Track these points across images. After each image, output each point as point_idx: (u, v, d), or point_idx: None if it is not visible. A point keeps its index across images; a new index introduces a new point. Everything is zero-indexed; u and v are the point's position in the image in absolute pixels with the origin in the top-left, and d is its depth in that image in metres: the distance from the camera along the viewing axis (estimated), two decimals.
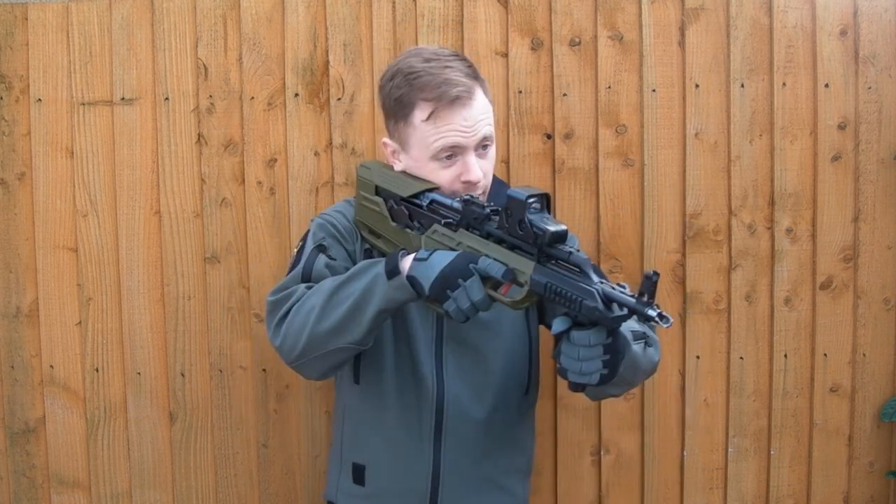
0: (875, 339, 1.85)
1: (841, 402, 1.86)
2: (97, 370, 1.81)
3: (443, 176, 1.34)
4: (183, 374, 1.81)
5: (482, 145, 1.35)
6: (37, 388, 1.82)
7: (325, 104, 1.77)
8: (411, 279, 1.19)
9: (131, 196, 1.78)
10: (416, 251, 1.24)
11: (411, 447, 1.40)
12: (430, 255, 1.19)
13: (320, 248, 1.38)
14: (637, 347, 1.29)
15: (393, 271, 1.20)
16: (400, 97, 1.34)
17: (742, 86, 1.78)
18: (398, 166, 1.41)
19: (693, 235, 1.80)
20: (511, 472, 1.48)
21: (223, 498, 1.83)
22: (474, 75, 1.35)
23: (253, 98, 1.77)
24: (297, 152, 1.78)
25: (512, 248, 1.17)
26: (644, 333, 1.34)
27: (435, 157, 1.33)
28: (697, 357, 1.82)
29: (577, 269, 1.10)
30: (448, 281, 1.15)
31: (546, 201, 1.16)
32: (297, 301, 1.30)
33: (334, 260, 1.37)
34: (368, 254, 1.43)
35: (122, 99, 1.77)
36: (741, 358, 1.83)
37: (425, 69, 1.32)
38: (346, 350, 1.27)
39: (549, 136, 1.79)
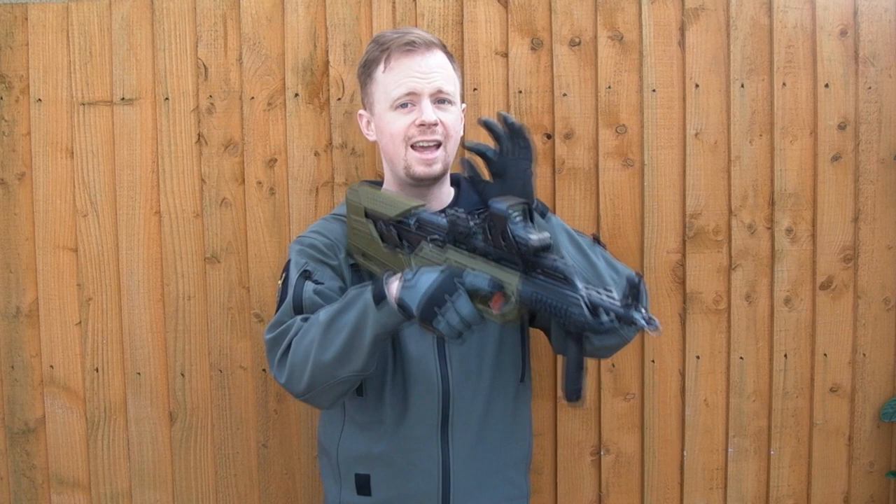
0: (875, 339, 1.85)
1: (841, 402, 1.86)
2: (97, 370, 1.81)
3: (399, 123, 1.39)
4: (183, 374, 1.81)
5: (439, 98, 1.39)
6: (37, 388, 1.82)
7: (325, 104, 1.77)
8: (400, 303, 1.19)
9: (131, 196, 1.78)
10: (404, 272, 1.23)
11: (419, 447, 1.40)
12: (416, 275, 1.19)
13: (305, 275, 1.39)
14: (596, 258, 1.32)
15: (380, 297, 1.21)
16: (367, 59, 1.44)
17: (742, 86, 1.78)
18: (371, 137, 1.48)
19: (693, 235, 1.80)
20: (512, 463, 1.49)
21: (223, 498, 1.84)
22: (439, 43, 1.43)
23: (253, 98, 1.77)
24: (297, 152, 1.78)
25: (498, 260, 1.17)
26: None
27: (393, 106, 1.39)
28: (697, 357, 1.82)
29: (563, 278, 1.09)
30: (435, 300, 1.14)
31: (528, 210, 1.15)
32: (295, 335, 1.31)
33: (321, 283, 1.37)
34: (354, 267, 1.43)
35: (122, 99, 1.77)
36: (741, 358, 1.83)
37: (392, 31, 1.45)
38: (352, 379, 1.29)
39: (549, 136, 1.79)
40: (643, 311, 1.01)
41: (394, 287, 1.20)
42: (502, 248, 1.14)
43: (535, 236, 1.11)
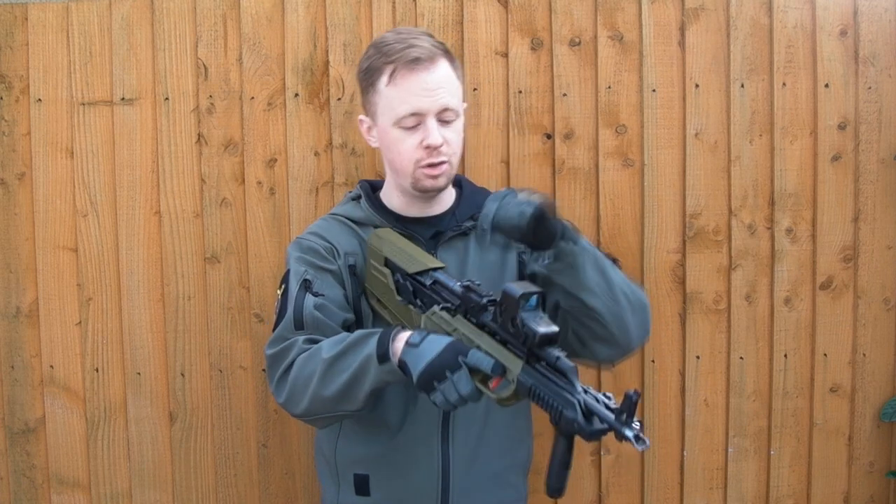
0: (875, 339, 1.85)
1: (841, 402, 1.86)
2: (97, 370, 1.81)
3: (406, 145, 1.37)
4: (183, 374, 1.81)
5: (444, 115, 1.37)
6: (37, 388, 1.82)
7: (325, 104, 1.77)
8: (402, 364, 1.19)
9: (131, 196, 1.78)
10: (412, 330, 1.23)
11: (419, 449, 1.40)
12: (422, 340, 1.19)
13: (305, 286, 1.38)
14: (602, 254, 1.33)
15: (384, 356, 1.21)
16: (369, 66, 1.40)
17: (742, 86, 1.78)
18: (373, 144, 1.46)
19: (693, 235, 1.80)
20: (512, 466, 1.49)
21: (223, 498, 1.84)
22: (442, 49, 1.39)
23: (253, 98, 1.77)
24: (297, 152, 1.78)
25: (504, 342, 1.16)
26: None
27: (398, 123, 1.37)
28: (697, 357, 1.82)
29: (563, 376, 1.08)
30: (435, 372, 1.15)
31: (542, 299, 1.13)
32: (297, 356, 1.32)
33: (322, 295, 1.37)
34: (352, 269, 1.43)
35: (122, 99, 1.77)
36: (741, 358, 1.83)
37: (394, 38, 1.39)
38: (350, 415, 1.32)
39: (549, 136, 1.79)
40: (636, 427, 1.00)
41: (399, 345, 1.21)
42: (509, 332, 1.13)
43: (543, 328, 1.09)
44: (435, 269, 1.32)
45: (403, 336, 1.22)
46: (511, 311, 1.11)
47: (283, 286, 1.43)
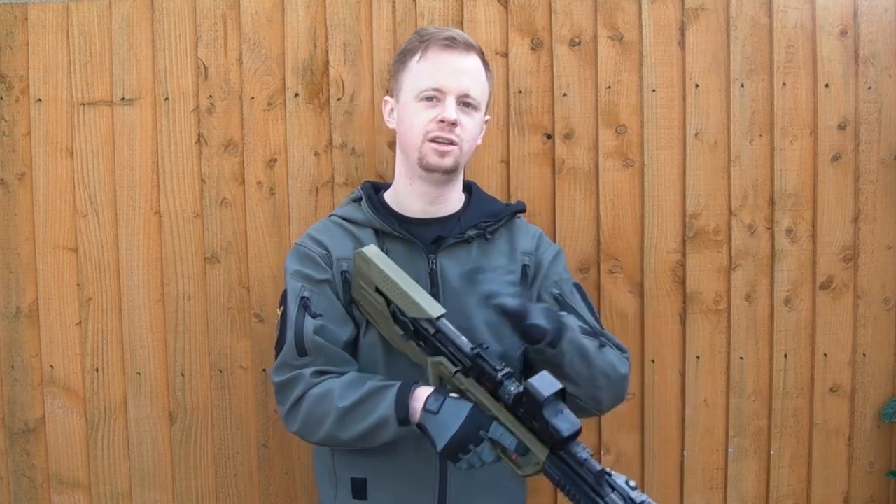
0: (875, 339, 1.85)
1: (841, 402, 1.86)
2: (97, 370, 1.81)
3: (420, 118, 1.40)
4: (183, 374, 1.81)
5: (464, 101, 1.41)
6: (37, 388, 1.82)
7: (325, 104, 1.77)
8: (421, 427, 1.24)
9: (131, 196, 1.78)
10: (427, 388, 1.27)
11: (417, 454, 1.39)
12: (440, 407, 1.23)
13: (303, 304, 1.39)
14: (587, 340, 1.33)
15: (404, 420, 1.26)
16: (405, 48, 1.46)
17: (742, 86, 1.78)
18: (391, 125, 1.50)
19: (693, 235, 1.80)
20: (510, 472, 1.48)
21: (223, 498, 1.84)
22: (479, 50, 1.45)
23: (253, 98, 1.77)
24: (297, 152, 1.78)
25: (521, 419, 1.18)
26: (599, 336, 1.38)
27: (419, 96, 1.40)
28: (697, 357, 1.82)
29: (590, 476, 1.11)
30: (460, 447, 1.21)
31: (562, 394, 1.15)
32: (307, 391, 1.34)
33: (321, 315, 1.38)
34: (345, 276, 1.42)
35: (122, 99, 1.77)
36: (741, 358, 1.83)
37: (435, 27, 1.50)
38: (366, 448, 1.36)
39: (549, 136, 1.79)
40: None
41: (417, 405, 1.25)
42: (533, 426, 1.16)
43: (566, 427, 1.12)
44: (436, 319, 1.30)
45: (420, 396, 1.26)
46: (534, 407, 1.14)
47: (282, 307, 1.43)
